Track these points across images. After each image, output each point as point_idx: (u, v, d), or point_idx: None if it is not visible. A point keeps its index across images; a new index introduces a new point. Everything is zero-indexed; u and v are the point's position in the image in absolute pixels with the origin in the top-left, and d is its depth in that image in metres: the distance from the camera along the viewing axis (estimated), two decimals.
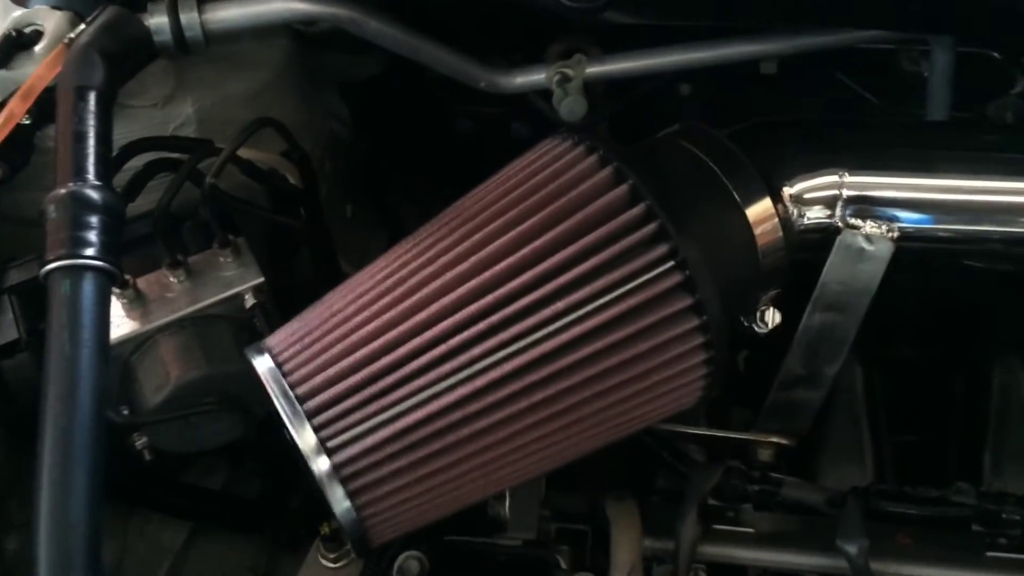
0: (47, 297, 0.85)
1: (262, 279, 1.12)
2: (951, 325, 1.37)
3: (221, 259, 1.14)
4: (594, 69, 1.26)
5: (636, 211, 0.88)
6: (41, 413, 0.80)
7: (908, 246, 1.04)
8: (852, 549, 1.00)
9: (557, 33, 1.30)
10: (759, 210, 0.97)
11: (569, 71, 1.25)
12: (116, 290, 1.08)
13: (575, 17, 1.01)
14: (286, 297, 1.16)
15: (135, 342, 1.09)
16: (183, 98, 1.22)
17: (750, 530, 1.09)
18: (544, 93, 1.27)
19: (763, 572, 1.09)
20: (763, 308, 1.03)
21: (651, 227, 0.88)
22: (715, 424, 1.29)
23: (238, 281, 1.13)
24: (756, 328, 1.04)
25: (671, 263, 0.87)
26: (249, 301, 1.12)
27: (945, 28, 1.21)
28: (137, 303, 1.10)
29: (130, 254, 1.13)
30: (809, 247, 1.04)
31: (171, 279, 1.11)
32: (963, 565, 1.05)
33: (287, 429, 0.82)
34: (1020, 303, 1.33)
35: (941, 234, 1.05)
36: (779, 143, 1.05)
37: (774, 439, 1.20)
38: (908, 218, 1.03)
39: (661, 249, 0.88)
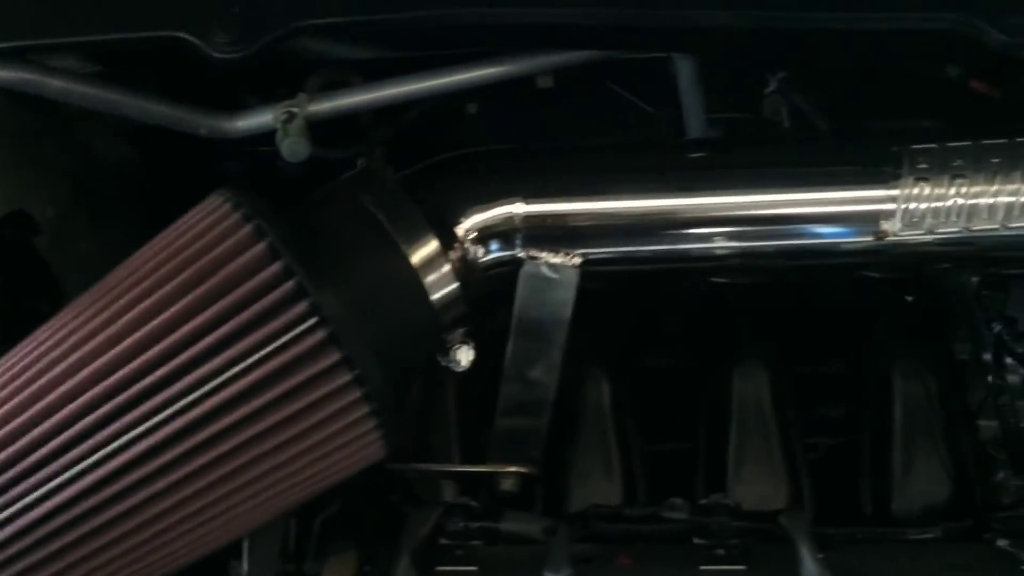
0: None
1: None
2: (703, 333, 1.38)
3: None
4: (322, 106, 1.24)
5: (274, 269, 0.86)
6: None
7: (598, 270, 1.04)
8: None
9: (316, 65, 1.27)
10: (424, 253, 0.96)
11: (295, 110, 1.23)
12: None
13: (224, 68, 0.98)
14: None
15: None
16: None
17: (472, 568, 1.08)
18: None
19: None
20: (455, 346, 1.02)
21: (289, 285, 0.85)
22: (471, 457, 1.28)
23: None
24: (452, 367, 1.03)
25: (313, 320, 0.85)
26: None
27: (660, 47, 1.22)
28: None
29: None
30: (501, 280, 1.04)
31: None
32: None
33: None
34: (764, 309, 1.36)
35: (631, 255, 1.05)
36: (455, 178, 1.04)
37: (512, 468, 1.19)
38: (591, 242, 1.03)
39: (301, 307, 0.85)
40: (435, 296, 0.97)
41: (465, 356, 1.02)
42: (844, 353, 1.37)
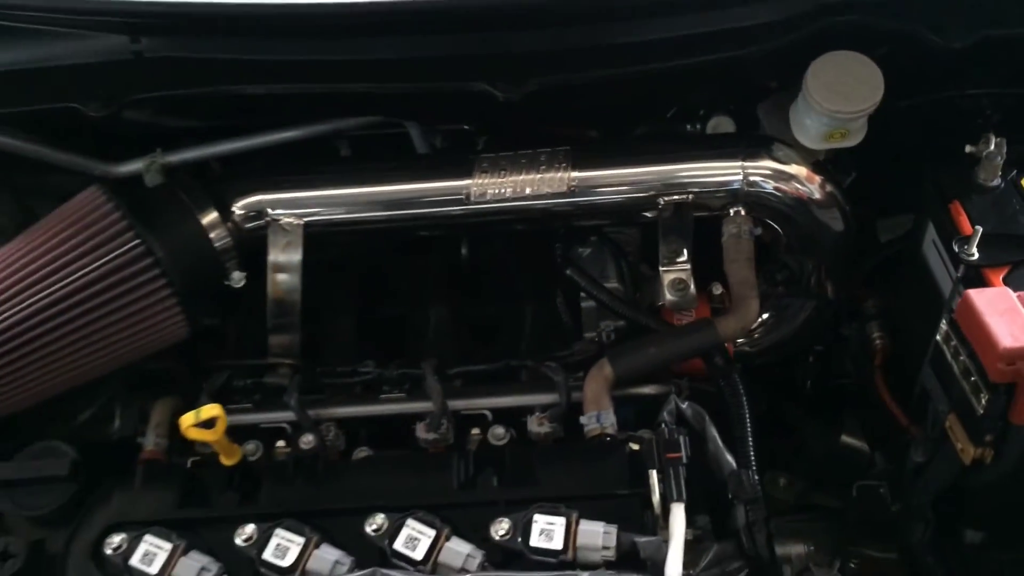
0: None
1: None
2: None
3: None
4: (174, 157, 1.94)
5: (121, 225, 1.67)
6: None
7: (321, 230, 1.86)
8: None
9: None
10: (209, 221, 1.81)
11: (153, 160, 1.97)
12: None
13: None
14: None
15: None
16: None
17: (248, 404, 1.86)
18: None
19: None
20: (232, 272, 1.84)
21: (122, 224, 1.69)
22: None
23: None
24: (232, 284, 1.84)
25: (138, 242, 1.68)
26: None
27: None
28: None
29: None
30: (262, 237, 1.85)
31: None
32: None
33: None
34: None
35: (339, 222, 1.87)
36: (234, 180, 1.87)
37: (285, 361, 1.95)
38: (311, 213, 1.86)
39: (136, 242, 1.68)
40: (217, 244, 1.81)
41: (238, 277, 1.84)
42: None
